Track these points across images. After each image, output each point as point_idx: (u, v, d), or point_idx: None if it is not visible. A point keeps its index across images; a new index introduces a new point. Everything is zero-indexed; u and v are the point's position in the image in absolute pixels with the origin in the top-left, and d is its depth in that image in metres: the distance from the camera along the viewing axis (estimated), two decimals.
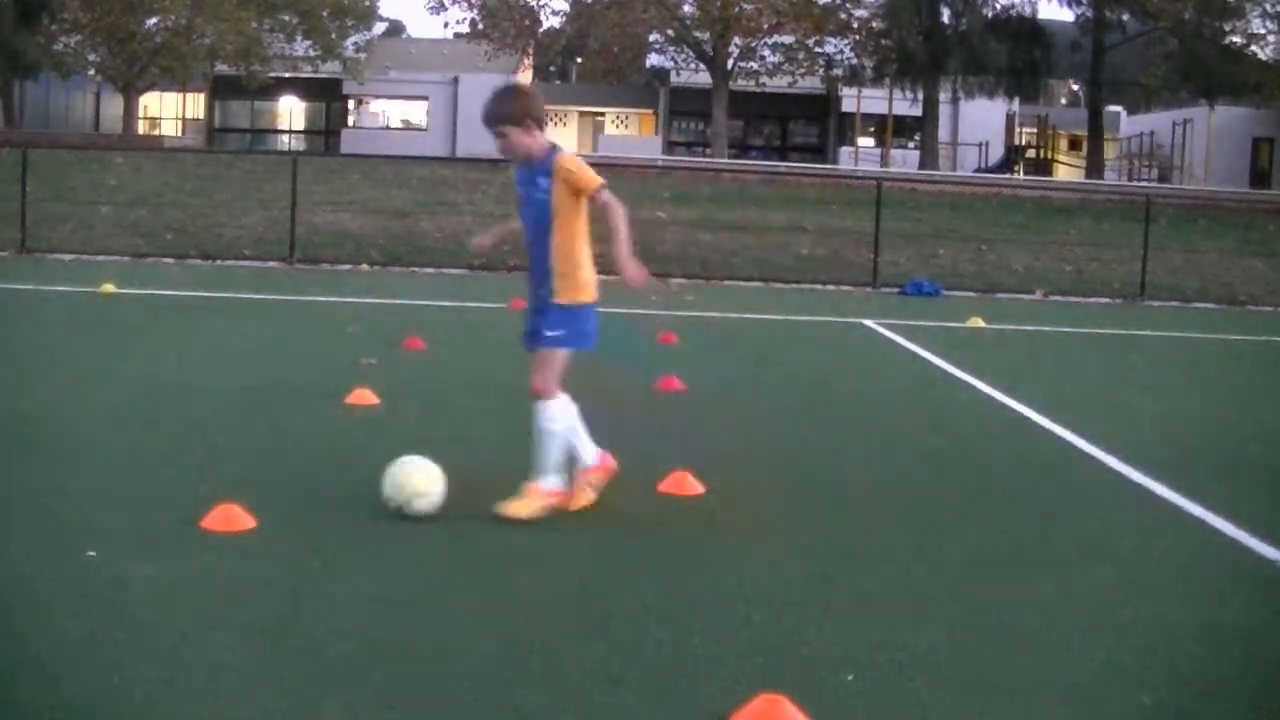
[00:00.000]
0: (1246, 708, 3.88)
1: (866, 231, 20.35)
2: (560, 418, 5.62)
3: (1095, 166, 43.86)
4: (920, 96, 43.21)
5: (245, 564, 4.68)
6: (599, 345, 5.78)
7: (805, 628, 4.27)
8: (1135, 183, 45.75)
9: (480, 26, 47.80)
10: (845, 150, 50.04)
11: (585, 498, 5.60)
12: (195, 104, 54.43)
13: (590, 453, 5.71)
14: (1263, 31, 43.31)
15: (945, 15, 43.46)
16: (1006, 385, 9.71)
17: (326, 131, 54.67)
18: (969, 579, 4.92)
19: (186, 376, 8.66)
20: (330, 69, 48.32)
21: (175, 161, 28.38)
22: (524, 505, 5.40)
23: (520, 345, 5.99)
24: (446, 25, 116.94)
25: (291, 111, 56.16)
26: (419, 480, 5.32)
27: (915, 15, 41.89)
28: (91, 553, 4.71)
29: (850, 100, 49.53)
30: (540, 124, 5.41)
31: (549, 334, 5.67)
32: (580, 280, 5.60)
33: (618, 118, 58.65)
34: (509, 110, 5.33)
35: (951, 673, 3.96)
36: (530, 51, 49.23)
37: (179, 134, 51.04)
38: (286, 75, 49.11)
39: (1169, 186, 42.28)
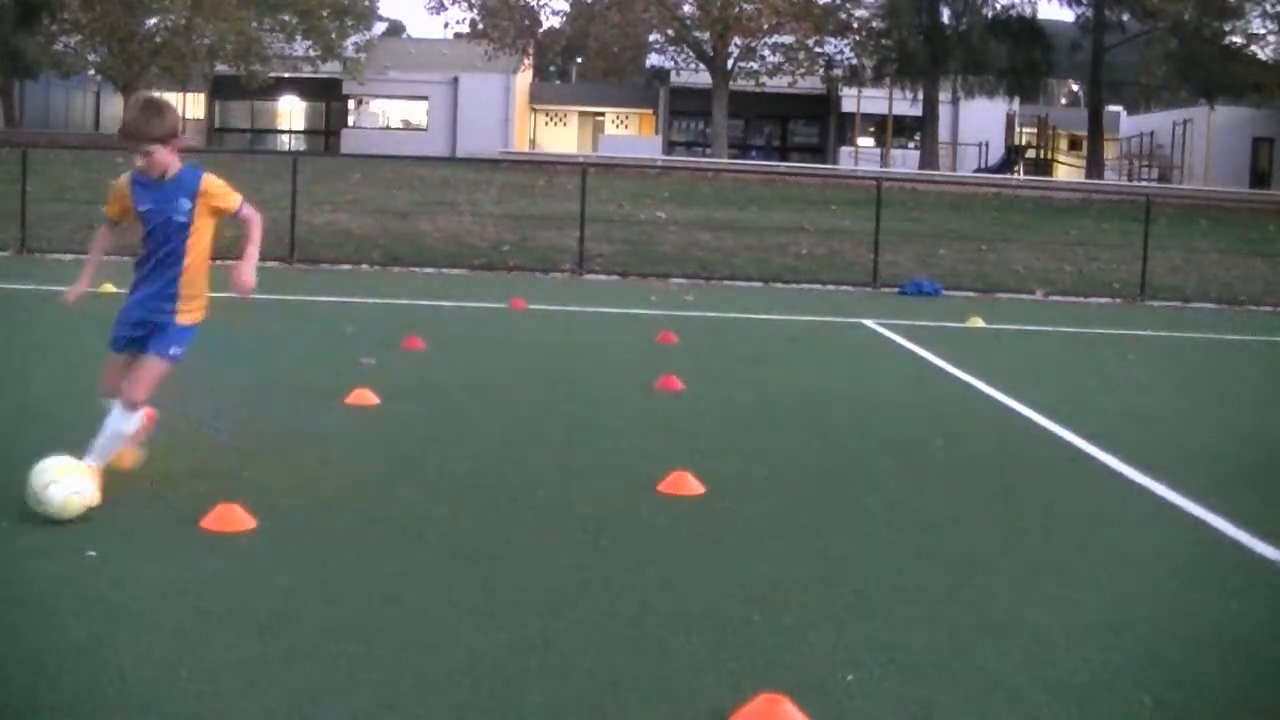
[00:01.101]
0: (1246, 708, 3.88)
1: (866, 231, 20.36)
2: (134, 429, 5.66)
3: (1095, 166, 43.86)
4: (920, 96, 43.22)
5: (245, 564, 4.68)
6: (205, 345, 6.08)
7: (805, 628, 4.27)
8: (1135, 183, 45.75)
9: (480, 26, 47.80)
10: (845, 150, 50.04)
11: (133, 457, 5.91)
12: (195, 104, 54.39)
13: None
14: (1263, 31, 43.32)
15: (945, 15, 43.47)
16: (1006, 385, 9.71)
17: (326, 131, 54.66)
18: (969, 579, 4.92)
19: (186, 376, 8.65)
20: (330, 69, 48.31)
21: None
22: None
23: (518, 347, 5.90)
24: (446, 25, 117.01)
25: (291, 111, 56.15)
26: (52, 468, 5.17)
27: (915, 15, 41.90)
28: (91, 553, 4.71)
29: (850, 100, 49.53)
30: (179, 141, 5.50)
31: (172, 350, 5.66)
32: (204, 302, 5.88)
33: (618, 118, 58.64)
34: (162, 128, 5.34)
35: (951, 673, 3.96)
36: (530, 51, 49.21)
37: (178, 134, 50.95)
38: (286, 75, 49.09)
39: (1169, 186, 42.29)
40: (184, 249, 5.57)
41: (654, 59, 50.49)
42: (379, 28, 56.61)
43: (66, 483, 5.08)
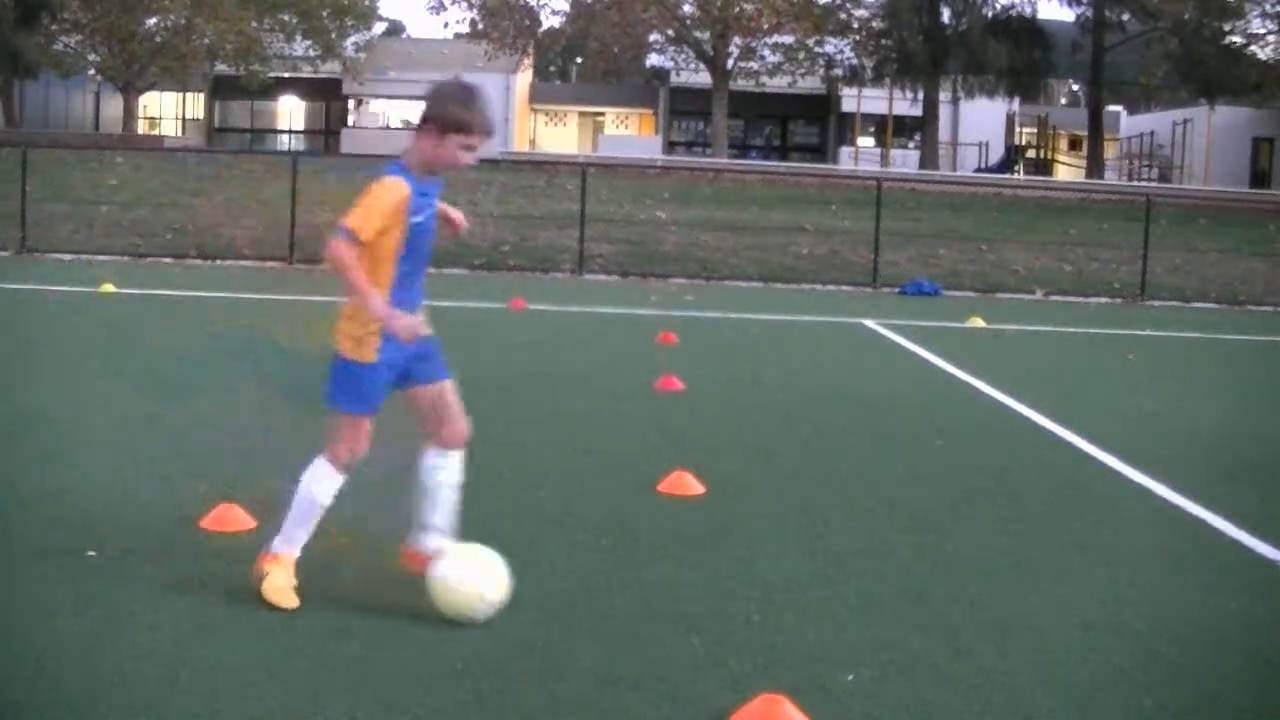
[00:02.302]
0: (1246, 708, 3.88)
1: (866, 231, 20.35)
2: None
3: (1095, 166, 43.86)
4: (920, 96, 43.21)
5: (245, 564, 4.67)
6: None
7: (805, 628, 4.27)
8: (1135, 183, 45.76)
9: (480, 26, 47.81)
10: (845, 150, 50.02)
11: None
12: (195, 104, 54.42)
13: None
14: (1263, 31, 43.32)
15: (945, 15, 43.45)
16: (1006, 385, 9.71)
17: (326, 131, 54.66)
18: (969, 579, 4.92)
19: (186, 376, 8.66)
20: (330, 69, 48.30)
21: (175, 161, 28.36)
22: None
23: (518, 347, 5.89)
24: (446, 25, 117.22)
25: (291, 111, 56.14)
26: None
27: (915, 15, 41.86)
28: (91, 553, 4.71)
29: (850, 100, 49.51)
30: None
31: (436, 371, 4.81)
32: None
33: (618, 118, 58.63)
34: None
35: (951, 673, 3.96)
36: (530, 51, 49.21)
37: (179, 134, 51.03)
38: (286, 75, 49.08)
39: (1169, 186, 42.28)
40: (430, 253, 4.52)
41: (654, 59, 50.48)
42: (379, 28, 56.63)
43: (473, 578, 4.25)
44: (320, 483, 4.46)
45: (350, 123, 54.24)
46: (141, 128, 48.38)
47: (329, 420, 4.47)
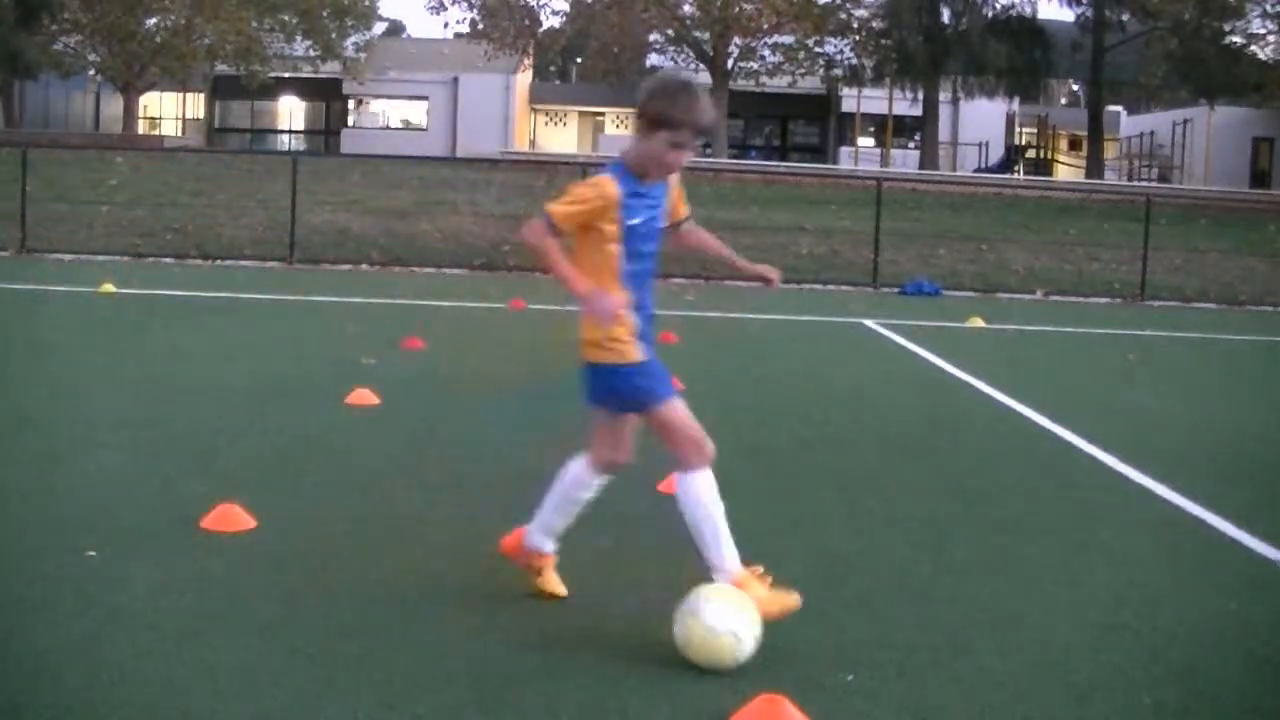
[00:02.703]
0: (1246, 708, 3.88)
1: (866, 231, 20.36)
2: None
3: (1095, 166, 43.86)
4: (920, 97, 43.21)
5: (245, 564, 4.68)
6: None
7: (805, 628, 4.27)
8: (1135, 183, 45.76)
9: (480, 26, 47.82)
10: (845, 150, 50.03)
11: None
12: (195, 104, 54.43)
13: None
14: (1263, 31, 43.32)
15: (945, 15, 43.45)
16: (1006, 385, 9.71)
17: (326, 131, 54.66)
18: (969, 579, 4.92)
19: (186, 376, 8.66)
20: (330, 69, 48.30)
21: (175, 161, 28.38)
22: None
23: (518, 347, 5.88)
24: (446, 25, 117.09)
25: (291, 111, 56.14)
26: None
27: (915, 15, 41.86)
28: (91, 553, 4.71)
29: (850, 100, 49.51)
30: None
31: None
32: None
33: (618, 118, 58.60)
34: None
35: (951, 673, 3.96)
36: (530, 51, 49.20)
37: (179, 134, 51.03)
38: (286, 75, 49.09)
39: (1169, 186, 42.28)
40: (656, 257, 4.28)
41: (654, 59, 50.43)
42: (379, 28, 56.66)
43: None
44: (707, 494, 4.21)
45: (350, 123, 54.25)
46: (141, 128, 48.37)
47: (657, 429, 4.30)
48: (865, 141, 51.84)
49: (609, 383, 4.28)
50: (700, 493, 4.19)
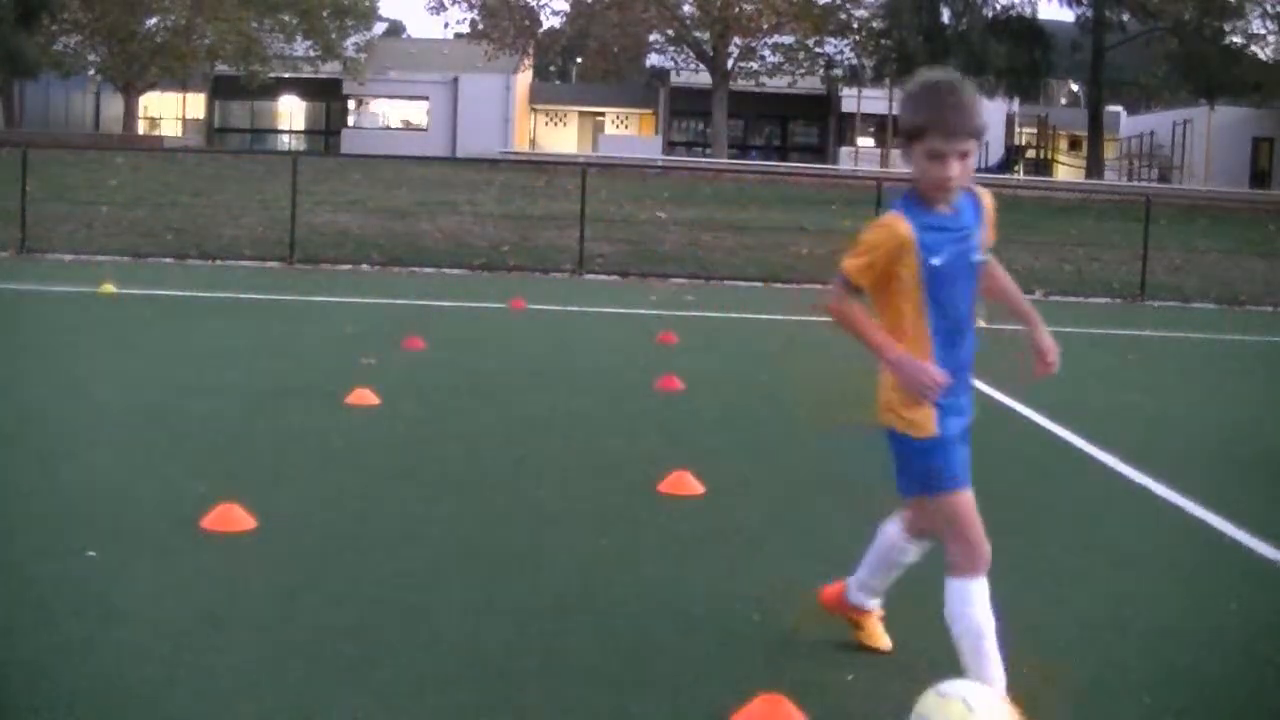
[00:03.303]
0: (1246, 708, 3.88)
1: None
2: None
3: (1095, 166, 43.87)
4: None
5: (245, 564, 4.68)
6: None
7: (805, 628, 4.27)
8: (1135, 183, 45.75)
9: (480, 26, 47.87)
10: (845, 150, 50.03)
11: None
12: (195, 104, 54.42)
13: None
14: (1263, 31, 43.34)
15: (945, 15, 43.48)
16: (1006, 385, 9.71)
17: (326, 131, 54.66)
18: None
19: (186, 376, 8.66)
20: (330, 69, 48.32)
21: (175, 161, 28.38)
22: None
23: (518, 347, 5.87)
24: (446, 25, 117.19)
25: (291, 111, 56.14)
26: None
27: (915, 15, 41.89)
28: (91, 553, 4.71)
29: (850, 100, 49.53)
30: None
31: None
32: None
33: (618, 118, 58.63)
34: (981, 115, 3.49)
35: (951, 673, 3.95)
36: (530, 51, 49.21)
37: (179, 134, 51.03)
38: (286, 75, 49.09)
39: (1169, 186, 42.27)
40: (974, 304, 3.62)
41: (654, 59, 50.51)
42: (379, 28, 56.61)
43: None
44: (971, 607, 3.66)
45: (350, 123, 54.25)
46: (141, 128, 48.39)
47: (938, 517, 3.77)
48: (865, 141, 51.84)
49: (899, 451, 3.74)
50: (968, 604, 3.65)
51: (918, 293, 3.46)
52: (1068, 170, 52.03)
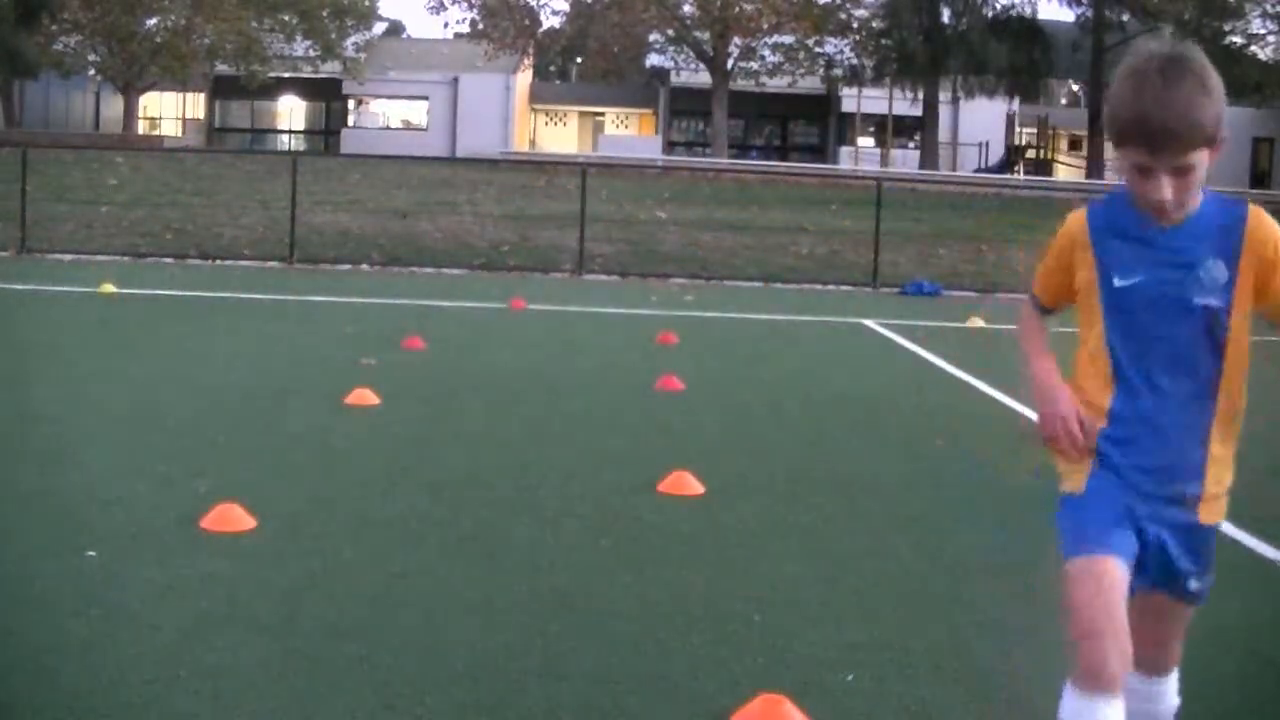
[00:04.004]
0: (1246, 708, 3.88)
1: (866, 231, 20.35)
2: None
3: (1095, 166, 43.84)
4: (920, 97, 43.22)
5: (245, 564, 4.68)
6: None
7: (805, 628, 4.27)
8: None
9: (480, 26, 47.85)
10: (845, 150, 50.01)
11: None
12: (195, 104, 54.40)
13: None
14: (1263, 31, 43.34)
15: (945, 15, 43.47)
16: (1006, 385, 9.70)
17: (326, 131, 54.64)
18: (969, 579, 4.92)
19: (186, 376, 8.66)
20: (330, 69, 48.29)
21: (175, 161, 28.38)
22: None
23: (518, 347, 5.86)
24: (446, 25, 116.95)
25: (291, 111, 56.13)
26: None
27: (915, 15, 41.90)
28: (91, 553, 4.71)
29: (850, 100, 49.49)
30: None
31: (1197, 584, 3.01)
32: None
33: (618, 118, 58.61)
34: (1215, 114, 2.53)
35: (951, 673, 3.96)
36: (530, 51, 49.21)
37: (179, 134, 51.02)
38: (286, 75, 49.07)
39: None
40: (1217, 356, 2.84)
41: (654, 59, 50.47)
42: (379, 28, 56.64)
43: None
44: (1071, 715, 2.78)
45: (350, 123, 54.23)
46: (141, 128, 48.37)
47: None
48: (865, 141, 51.83)
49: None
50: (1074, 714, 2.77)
51: (1099, 318, 2.74)
52: (1068, 170, 52.02)
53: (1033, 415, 2.93)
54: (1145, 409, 2.74)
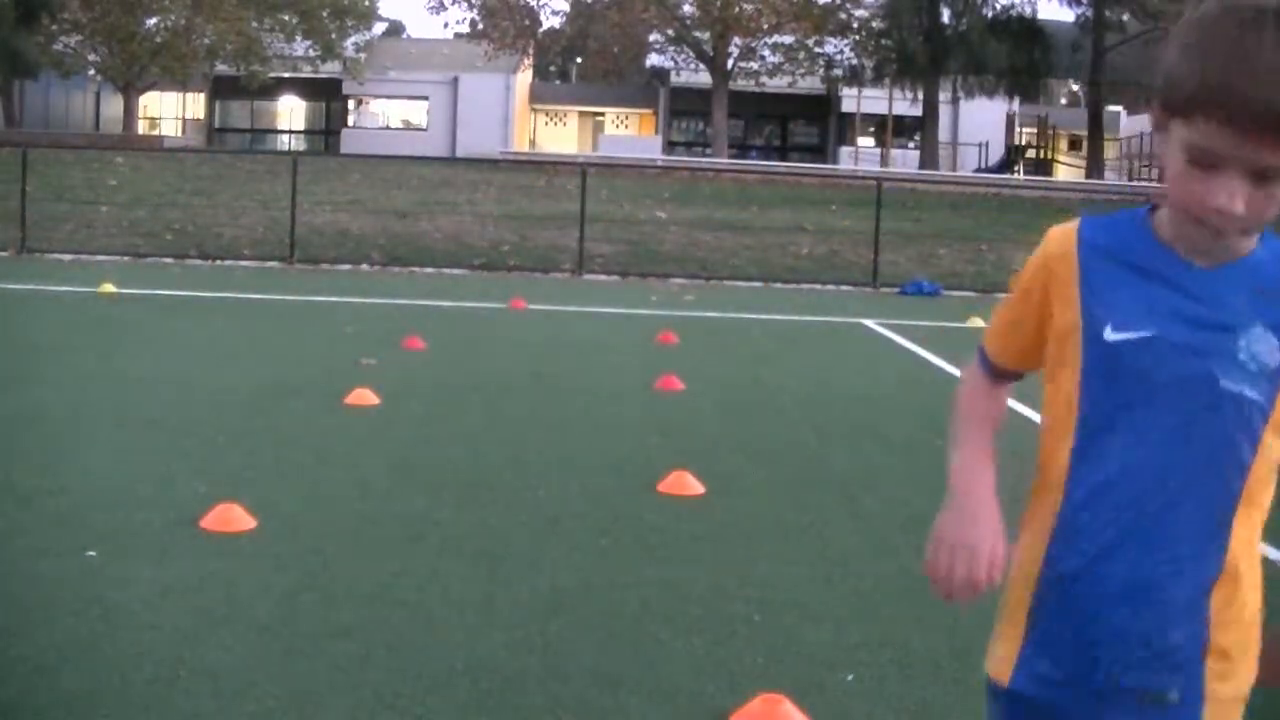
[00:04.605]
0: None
1: (866, 231, 20.35)
2: None
3: (1095, 166, 43.86)
4: (920, 97, 43.22)
5: (245, 564, 4.68)
6: None
7: (805, 628, 4.27)
8: (1135, 183, 45.74)
9: (480, 26, 47.84)
10: (845, 150, 50.02)
11: None
12: (195, 104, 54.41)
13: None
14: None
15: (945, 15, 43.46)
16: None
17: (326, 131, 54.64)
18: None
19: (186, 376, 8.66)
20: (330, 69, 48.29)
21: (175, 161, 28.38)
22: None
23: (518, 347, 5.85)
24: (446, 25, 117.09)
25: (291, 111, 56.13)
26: None
27: (915, 15, 41.90)
28: (91, 553, 4.71)
29: (850, 100, 49.51)
30: None
31: None
32: (1255, 638, 1.86)
33: (618, 118, 58.62)
34: None
35: (951, 673, 3.96)
36: (530, 51, 49.21)
37: (179, 134, 51.02)
38: (286, 75, 49.07)
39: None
40: (1244, 473, 1.72)
41: (654, 59, 50.46)
42: (379, 28, 56.64)
43: None
44: None
45: (350, 123, 54.24)
46: (141, 128, 48.37)
47: None
48: (865, 141, 51.84)
49: None
50: None
51: (1073, 381, 1.82)
52: (1068, 170, 52.03)
53: None
54: (1113, 541, 1.83)
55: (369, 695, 3.58)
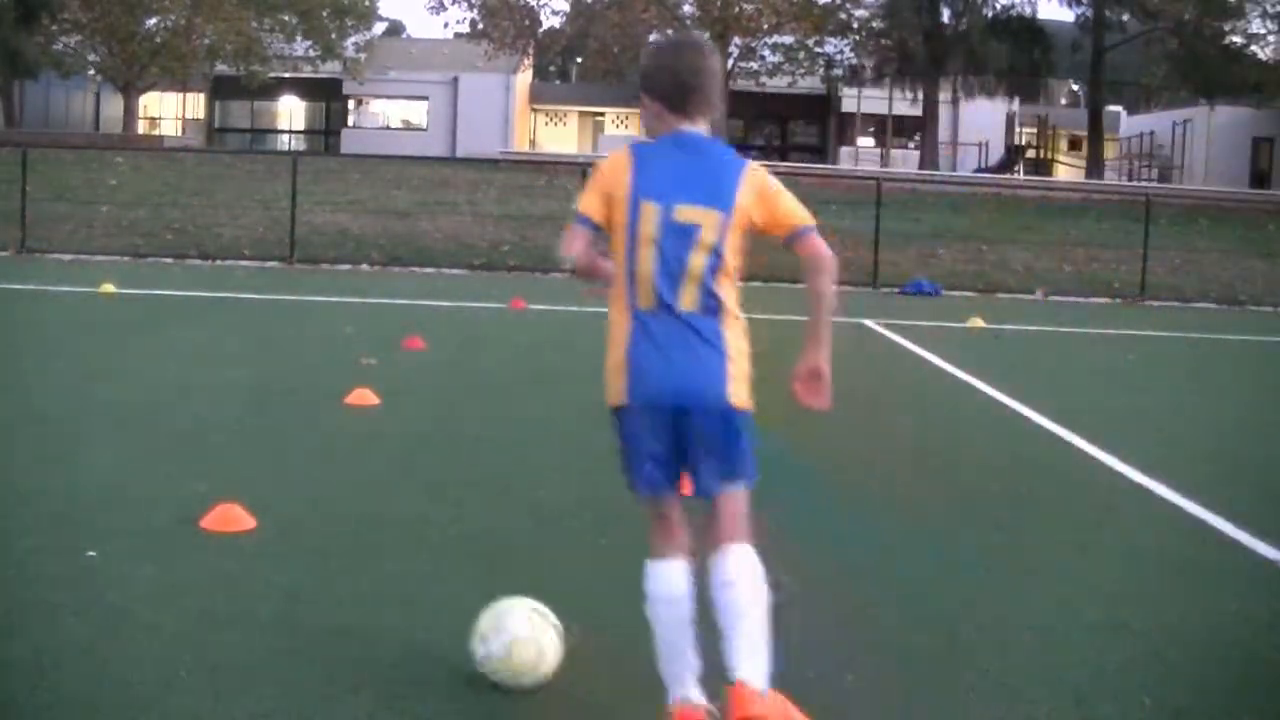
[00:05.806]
0: (1246, 708, 3.88)
1: (866, 231, 20.35)
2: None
3: (1095, 166, 43.83)
4: (920, 96, 43.21)
5: (245, 564, 4.68)
6: None
7: (806, 627, 4.27)
8: (1135, 183, 45.72)
9: (480, 26, 47.81)
10: (845, 150, 50.01)
11: None
12: (195, 104, 54.39)
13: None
14: (1263, 31, 43.33)
15: (945, 15, 43.45)
16: (1006, 385, 9.71)
17: (326, 131, 54.62)
18: (969, 579, 4.92)
19: (186, 376, 8.66)
20: (330, 69, 48.28)
21: (175, 161, 28.38)
22: None
23: (518, 347, 5.84)
24: (446, 25, 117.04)
25: (291, 111, 56.11)
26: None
27: (915, 15, 41.87)
28: (91, 553, 4.71)
29: (850, 100, 49.49)
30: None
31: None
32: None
33: (618, 118, 58.59)
34: None
35: (951, 673, 3.96)
36: (530, 51, 49.21)
37: (179, 134, 51.01)
38: (286, 75, 49.05)
39: (1169, 186, 42.23)
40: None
41: None
42: (379, 28, 56.63)
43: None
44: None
45: (350, 123, 54.22)
46: (141, 128, 48.36)
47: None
48: (865, 141, 51.83)
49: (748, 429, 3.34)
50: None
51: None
52: (1068, 170, 52.00)
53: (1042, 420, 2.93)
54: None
55: (369, 695, 3.58)
